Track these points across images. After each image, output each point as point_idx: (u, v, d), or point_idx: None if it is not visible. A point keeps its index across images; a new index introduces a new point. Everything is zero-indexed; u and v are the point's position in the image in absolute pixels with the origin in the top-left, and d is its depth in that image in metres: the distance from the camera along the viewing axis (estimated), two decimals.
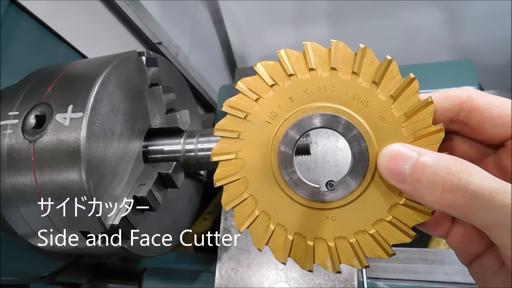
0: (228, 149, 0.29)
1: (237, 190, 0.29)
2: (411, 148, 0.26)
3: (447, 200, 0.24)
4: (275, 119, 0.29)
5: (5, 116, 0.48)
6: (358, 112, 0.28)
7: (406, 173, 0.25)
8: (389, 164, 0.27)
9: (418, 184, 0.25)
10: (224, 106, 0.29)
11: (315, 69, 0.28)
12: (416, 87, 0.28)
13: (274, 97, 0.29)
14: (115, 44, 0.98)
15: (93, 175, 0.42)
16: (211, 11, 1.24)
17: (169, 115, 0.54)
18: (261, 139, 0.29)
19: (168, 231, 0.59)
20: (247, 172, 0.29)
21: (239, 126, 0.29)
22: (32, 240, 0.51)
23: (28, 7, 0.64)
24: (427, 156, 0.25)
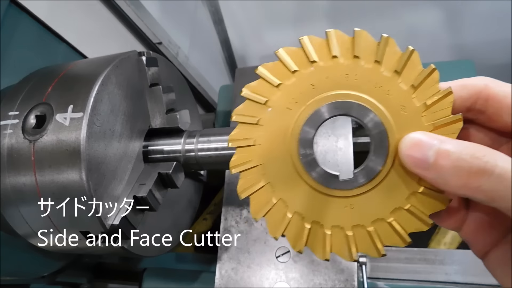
0: (246, 135, 0.29)
1: (254, 178, 0.29)
2: (432, 136, 0.27)
3: (473, 184, 0.24)
4: (296, 105, 0.28)
5: (5, 116, 0.48)
6: (380, 100, 0.28)
7: (429, 160, 0.25)
8: (412, 152, 0.27)
9: (443, 170, 0.25)
10: (243, 90, 0.29)
11: (338, 56, 0.28)
12: (436, 77, 0.28)
13: (296, 83, 0.28)
14: (115, 44, 0.98)
15: (93, 175, 0.42)
16: (211, 11, 1.24)
17: (169, 115, 0.54)
18: (281, 125, 0.28)
19: (168, 231, 0.59)
20: (264, 159, 0.28)
21: (258, 112, 0.29)
22: (32, 240, 0.51)
23: (28, 7, 0.64)
24: (450, 143, 0.25)
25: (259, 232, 0.65)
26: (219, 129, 0.56)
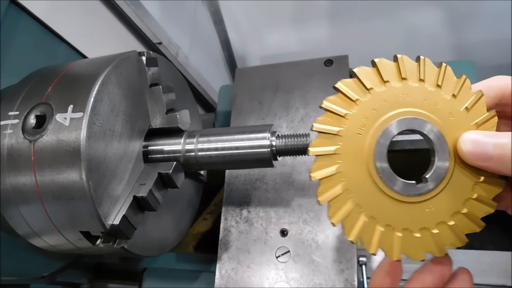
0: (327, 144, 0.31)
1: (333, 184, 0.31)
2: (483, 133, 0.31)
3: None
4: (369, 121, 0.32)
5: (5, 116, 0.48)
6: (431, 112, 0.32)
7: (490, 152, 0.30)
8: (472, 149, 0.31)
9: (504, 158, 0.29)
10: (324, 102, 0.31)
11: (389, 81, 0.32)
12: (468, 84, 0.33)
13: (370, 100, 0.32)
14: (115, 44, 0.98)
15: (93, 175, 0.42)
16: (211, 11, 1.24)
17: (169, 115, 0.54)
18: (358, 138, 0.32)
19: (168, 231, 0.59)
20: (343, 167, 0.31)
21: (338, 124, 0.32)
22: (32, 240, 0.51)
23: (28, 7, 0.64)
24: (501, 137, 0.30)
25: (259, 232, 0.65)
26: (219, 129, 0.56)
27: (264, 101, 0.75)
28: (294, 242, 0.63)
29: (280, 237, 0.64)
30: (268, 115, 0.74)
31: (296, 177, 0.67)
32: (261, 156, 0.50)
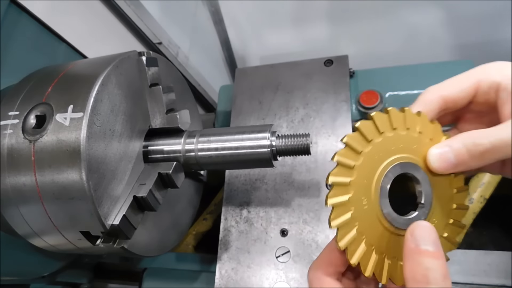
0: (344, 175, 0.34)
1: (344, 210, 0.33)
2: (442, 145, 0.36)
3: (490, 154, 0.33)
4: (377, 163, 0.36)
5: (5, 116, 0.48)
6: (412, 154, 0.37)
7: (453, 161, 0.34)
8: (440, 164, 0.35)
9: (466, 160, 0.34)
10: (345, 137, 0.34)
11: (384, 132, 0.36)
12: (423, 117, 0.38)
13: (365, 160, 0.35)
14: (115, 44, 0.98)
15: (93, 175, 0.42)
16: (211, 11, 1.24)
17: (169, 115, 0.54)
18: (368, 175, 0.35)
19: (168, 231, 0.59)
20: (354, 198, 0.34)
21: (354, 159, 0.35)
22: (32, 240, 0.51)
23: (28, 7, 0.64)
24: (455, 143, 0.35)
25: (259, 232, 0.65)
26: (219, 129, 0.56)
27: (264, 101, 0.75)
28: (294, 242, 0.63)
29: (280, 237, 0.64)
30: (268, 115, 0.74)
31: (296, 177, 0.67)
32: (261, 156, 0.50)
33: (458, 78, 0.38)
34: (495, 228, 1.11)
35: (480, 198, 0.80)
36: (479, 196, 0.80)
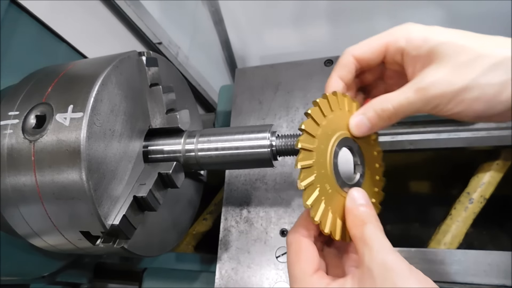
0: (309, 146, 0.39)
1: (309, 174, 0.38)
2: (357, 114, 0.42)
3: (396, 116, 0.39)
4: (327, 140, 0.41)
5: (5, 116, 0.48)
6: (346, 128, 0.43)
7: (368, 125, 0.42)
8: (359, 129, 0.42)
9: (378, 123, 0.41)
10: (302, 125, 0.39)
11: (327, 115, 0.41)
12: (340, 98, 0.43)
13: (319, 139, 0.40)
14: (115, 44, 0.98)
15: (93, 175, 0.42)
16: (211, 11, 1.24)
17: (169, 115, 0.54)
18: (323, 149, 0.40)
19: (168, 231, 0.59)
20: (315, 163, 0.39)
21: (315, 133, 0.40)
22: (32, 240, 0.51)
23: (28, 7, 0.64)
24: (368, 111, 0.41)
25: (259, 232, 0.65)
26: (219, 129, 0.56)
27: (264, 101, 0.75)
28: None
29: (280, 237, 0.64)
30: (268, 115, 0.74)
31: (296, 177, 0.67)
32: (261, 156, 0.50)
33: (370, 40, 0.42)
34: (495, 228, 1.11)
35: (480, 198, 0.80)
36: (479, 196, 0.80)
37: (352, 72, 0.43)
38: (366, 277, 0.32)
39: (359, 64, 0.43)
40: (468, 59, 0.35)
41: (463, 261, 0.66)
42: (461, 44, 0.36)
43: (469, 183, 0.83)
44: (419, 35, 0.38)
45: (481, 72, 0.34)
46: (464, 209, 0.79)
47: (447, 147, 0.77)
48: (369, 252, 0.33)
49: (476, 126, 0.76)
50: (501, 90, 0.34)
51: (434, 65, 0.37)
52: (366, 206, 0.38)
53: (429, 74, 0.37)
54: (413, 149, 0.79)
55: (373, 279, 0.31)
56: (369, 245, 0.33)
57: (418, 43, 0.38)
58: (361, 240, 0.34)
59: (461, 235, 0.78)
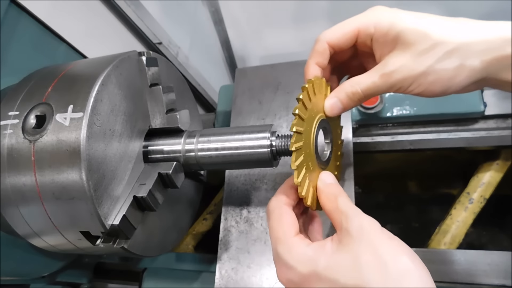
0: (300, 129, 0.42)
1: (299, 155, 0.41)
2: (331, 96, 0.46)
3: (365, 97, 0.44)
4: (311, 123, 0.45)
5: (5, 116, 0.48)
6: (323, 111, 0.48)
7: (341, 106, 0.46)
8: (332, 110, 0.46)
9: (350, 104, 0.46)
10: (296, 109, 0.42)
11: (311, 98, 0.44)
12: (319, 82, 0.47)
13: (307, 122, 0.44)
14: (115, 44, 0.98)
15: (93, 175, 0.42)
16: (211, 11, 1.24)
17: (169, 115, 0.54)
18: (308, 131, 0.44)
19: (168, 231, 0.59)
20: (304, 144, 0.42)
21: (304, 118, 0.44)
22: (32, 240, 0.51)
23: (28, 7, 0.64)
24: (338, 93, 0.46)
25: (259, 232, 0.65)
26: (219, 129, 0.56)
27: (264, 101, 0.75)
28: None
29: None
30: (268, 115, 0.74)
31: None
32: (261, 156, 0.50)
33: (343, 26, 0.45)
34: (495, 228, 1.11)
35: (480, 198, 0.80)
36: (479, 196, 0.80)
37: (327, 57, 0.46)
38: (345, 238, 0.36)
39: (333, 49, 0.46)
40: (426, 46, 0.38)
41: (463, 261, 0.66)
42: (423, 31, 0.39)
43: (469, 183, 0.83)
44: (386, 21, 0.41)
45: (437, 59, 0.38)
46: (464, 209, 0.79)
47: (447, 147, 0.77)
48: (346, 219, 0.36)
49: (476, 126, 0.76)
50: (455, 74, 0.38)
51: (397, 51, 0.41)
52: (334, 185, 0.42)
53: (393, 60, 0.41)
54: (413, 149, 0.79)
55: (352, 238, 0.35)
56: (345, 213, 0.37)
57: (385, 30, 0.41)
58: (337, 211, 0.38)
59: (461, 235, 0.78)
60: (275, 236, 0.40)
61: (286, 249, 0.38)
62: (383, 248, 0.33)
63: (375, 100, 0.75)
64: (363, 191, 1.21)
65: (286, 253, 0.38)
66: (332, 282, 0.34)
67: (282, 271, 0.38)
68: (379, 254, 0.33)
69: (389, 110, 0.76)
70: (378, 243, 0.34)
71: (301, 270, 0.36)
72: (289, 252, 0.38)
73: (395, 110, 0.76)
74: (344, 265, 0.34)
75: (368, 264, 0.33)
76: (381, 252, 0.33)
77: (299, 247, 0.38)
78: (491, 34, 0.37)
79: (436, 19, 0.40)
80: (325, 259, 0.35)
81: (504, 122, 0.75)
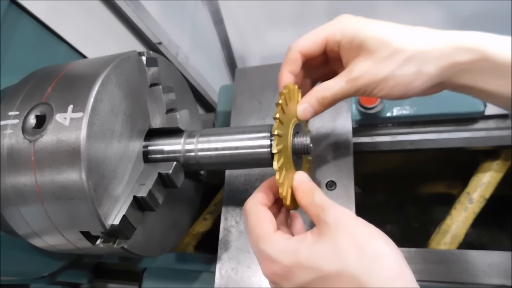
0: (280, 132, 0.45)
1: (280, 157, 0.43)
2: (303, 102, 0.49)
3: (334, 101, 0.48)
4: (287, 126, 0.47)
5: (5, 116, 0.48)
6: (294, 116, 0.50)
7: (312, 110, 0.49)
8: (305, 115, 0.49)
9: (320, 108, 0.49)
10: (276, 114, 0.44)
11: (288, 104, 0.46)
12: (292, 90, 0.49)
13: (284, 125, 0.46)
14: (115, 44, 0.98)
15: (93, 175, 0.42)
16: (211, 11, 1.24)
17: (169, 115, 0.54)
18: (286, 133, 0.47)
19: (168, 231, 0.59)
20: (283, 147, 0.45)
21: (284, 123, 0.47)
22: (32, 240, 0.51)
23: (28, 7, 0.64)
24: (310, 99, 0.48)
25: None
26: (219, 129, 0.56)
27: (264, 101, 0.75)
28: None
29: None
30: (268, 115, 0.74)
31: None
32: (261, 156, 0.50)
33: (311, 34, 0.48)
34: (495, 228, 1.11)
35: (480, 198, 0.80)
36: (479, 196, 0.80)
37: (300, 64, 0.49)
38: (324, 228, 0.38)
39: (305, 56, 0.49)
40: (387, 54, 0.42)
41: (463, 261, 0.66)
42: (384, 39, 0.42)
43: (469, 183, 0.83)
44: (351, 29, 0.44)
45: (396, 65, 0.42)
46: (464, 209, 0.79)
47: (447, 147, 0.77)
48: (323, 211, 0.39)
49: (476, 126, 0.76)
50: (413, 79, 0.42)
51: (361, 58, 0.44)
52: (309, 182, 0.45)
53: (357, 66, 0.44)
54: (413, 149, 0.79)
55: (330, 228, 0.37)
56: (322, 207, 0.40)
57: (350, 37, 0.44)
58: (313, 205, 0.41)
59: (461, 235, 0.78)
60: (256, 234, 0.42)
61: (268, 245, 0.40)
62: (359, 234, 0.36)
63: (375, 100, 0.75)
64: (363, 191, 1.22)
65: (269, 248, 0.40)
66: (315, 269, 0.36)
67: (267, 265, 0.40)
68: (356, 239, 0.36)
69: (389, 110, 0.76)
70: (355, 230, 0.37)
71: (285, 262, 0.38)
72: (272, 247, 0.40)
73: (395, 110, 0.76)
74: (325, 252, 0.36)
75: (346, 249, 0.35)
76: (358, 237, 0.36)
77: (281, 241, 0.40)
78: (444, 42, 0.41)
79: (396, 27, 0.43)
80: (307, 249, 0.37)
81: (504, 122, 0.75)
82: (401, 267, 0.34)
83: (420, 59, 0.41)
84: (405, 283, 0.34)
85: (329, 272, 0.35)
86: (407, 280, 0.34)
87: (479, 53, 0.39)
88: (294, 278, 0.38)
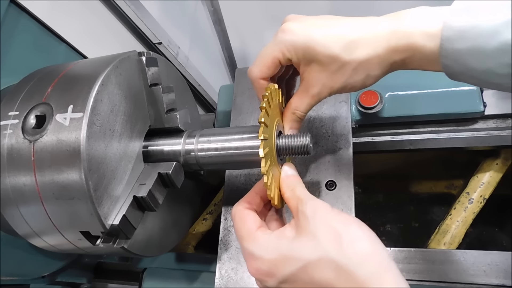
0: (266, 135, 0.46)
1: (266, 161, 0.44)
2: (286, 118, 0.52)
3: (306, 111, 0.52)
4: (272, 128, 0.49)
5: (5, 116, 0.48)
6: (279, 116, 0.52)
7: (299, 114, 0.52)
8: (292, 125, 0.52)
9: (298, 120, 0.52)
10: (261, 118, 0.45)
11: (270, 105, 0.47)
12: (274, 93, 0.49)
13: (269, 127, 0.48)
14: (115, 44, 0.98)
15: (93, 175, 0.42)
16: (211, 11, 1.24)
17: (169, 115, 0.54)
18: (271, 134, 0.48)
19: (168, 231, 0.59)
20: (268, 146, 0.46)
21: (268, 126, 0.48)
22: (32, 240, 0.51)
23: (28, 7, 0.64)
24: (288, 115, 0.52)
25: None
26: (219, 129, 0.56)
27: None
28: None
29: None
30: None
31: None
32: None
33: (261, 59, 0.50)
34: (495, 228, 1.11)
35: (480, 198, 0.80)
36: (479, 196, 0.80)
37: (268, 82, 0.51)
38: (302, 219, 0.40)
39: (267, 78, 0.51)
40: (337, 67, 0.46)
41: (463, 261, 0.66)
42: (332, 55, 0.45)
43: (469, 183, 0.83)
44: (301, 44, 0.47)
45: (347, 76, 0.47)
46: (464, 209, 0.79)
47: (447, 147, 0.77)
48: (301, 203, 0.41)
49: (476, 126, 0.76)
50: (364, 82, 0.47)
51: (315, 69, 0.48)
52: (294, 176, 0.48)
53: (315, 80, 0.48)
54: (413, 149, 0.79)
55: (307, 219, 0.39)
56: (301, 199, 0.42)
57: (301, 54, 0.47)
58: (294, 197, 0.44)
59: (461, 235, 0.78)
60: (240, 236, 0.43)
61: (250, 243, 0.42)
62: (335, 222, 0.39)
63: (375, 100, 0.75)
64: (363, 191, 1.22)
65: (251, 246, 0.41)
66: (298, 259, 0.38)
67: (251, 263, 0.42)
68: (332, 227, 0.38)
69: (389, 110, 0.76)
70: (330, 218, 0.39)
71: (268, 257, 0.40)
72: (254, 244, 0.41)
73: (395, 110, 0.76)
74: (304, 242, 0.38)
75: (325, 236, 0.38)
76: (334, 225, 0.38)
77: (262, 237, 0.41)
78: (382, 47, 0.45)
79: (342, 38, 0.46)
80: (287, 241, 0.39)
81: (503, 122, 0.75)
82: (375, 247, 0.37)
83: (365, 67, 0.46)
84: (379, 260, 0.36)
85: (311, 260, 0.37)
86: (381, 258, 0.36)
87: (410, 51, 0.43)
88: (278, 272, 0.39)
